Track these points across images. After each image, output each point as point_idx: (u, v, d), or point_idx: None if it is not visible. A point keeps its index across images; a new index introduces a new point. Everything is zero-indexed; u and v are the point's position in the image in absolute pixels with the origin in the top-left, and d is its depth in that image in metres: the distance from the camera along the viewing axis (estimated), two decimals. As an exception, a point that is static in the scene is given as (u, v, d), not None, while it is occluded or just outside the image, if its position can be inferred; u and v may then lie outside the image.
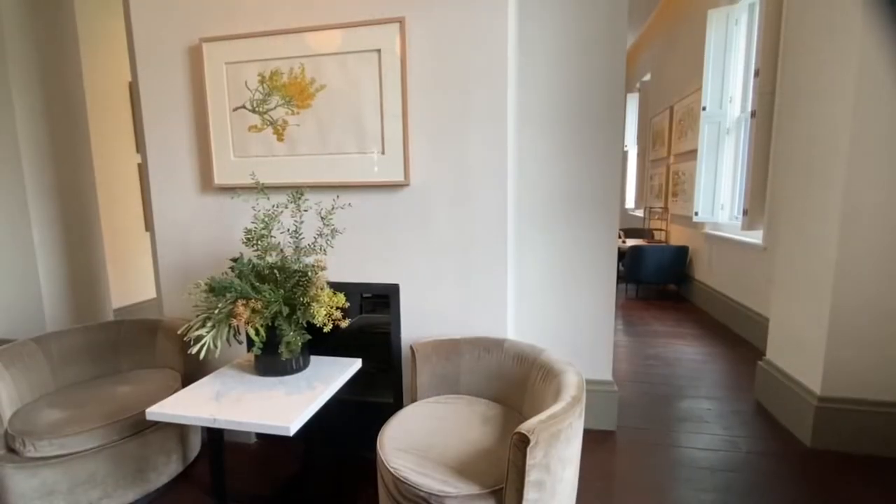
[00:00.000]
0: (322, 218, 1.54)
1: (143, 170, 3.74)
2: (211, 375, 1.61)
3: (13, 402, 1.59)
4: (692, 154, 4.42)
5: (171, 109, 1.94)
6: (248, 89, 1.81)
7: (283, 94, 1.77)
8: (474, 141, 1.68)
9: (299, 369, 1.62)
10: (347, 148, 1.75)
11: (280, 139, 1.81)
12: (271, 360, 1.56)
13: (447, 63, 1.66)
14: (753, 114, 3.15)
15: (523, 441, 1.02)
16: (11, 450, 1.47)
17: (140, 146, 3.72)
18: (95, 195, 3.11)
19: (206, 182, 1.94)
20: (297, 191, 1.54)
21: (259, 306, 1.49)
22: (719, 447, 2.01)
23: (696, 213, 4.22)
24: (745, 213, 3.26)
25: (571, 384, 1.27)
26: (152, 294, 3.75)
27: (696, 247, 4.66)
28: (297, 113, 1.78)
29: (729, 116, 3.99)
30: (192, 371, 1.88)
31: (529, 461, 1.03)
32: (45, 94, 2.76)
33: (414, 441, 1.33)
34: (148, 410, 1.35)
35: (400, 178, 1.72)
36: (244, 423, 1.29)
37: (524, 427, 1.04)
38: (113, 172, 3.44)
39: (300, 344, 1.51)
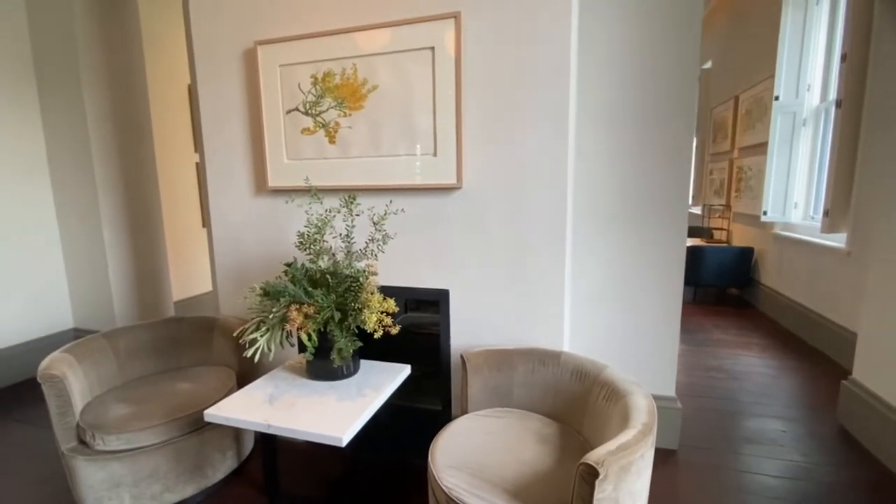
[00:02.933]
0: (374, 223, 1.51)
1: (200, 169, 3.92)
2: (264, 378, 1.62)
3: (84, 395, 1.67)
4: (760, 148, 4.07)
5: (227, 112, 1.98)
6: (301, 91, 1.80)
7: (336, 95, 1.75)
8: (532, 140, 1.58)
9: (349, 374, 1.61)
10: (398, 150, 1.71)
11: (332, 141, 1.80)
12: (323, 364, 1.55)
13: (505, 59, 1.57)
14: (839, 103, 2.84)
15: (591, 473, 0.94)
16: (82, 442, 1.55)
17: (198, 146, 3.89)
18: (158, 194, 3.27)
19: (260, 184, 1.97)
20: (349, 195, 1.51)
21: (312, 311, 1.48)
22: (796, 475, 1.82)
23: (765, 213, 3.89)
24: (825, 213, 2.95)
25: (641, 409, 1.16)
26: (209, 287, 3.92)
27: (762, 248, 4.31)
28: (349, 115, 1.75)
29: (806, 106, 3.64)
30: (246, 369, 1.92)
31: (598, 494, 0.94)
32: (113, 99, 2.92)
33: (467, 458, 1.27)
34: (206, 412, 1.38)
35: (452, 180, 1.66)
36: (298, 430, 1.28)
37: (592, 458, 0.96)
38: (173, 171, 3.61)
39: (351, 351, 1.49)
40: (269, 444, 1.63)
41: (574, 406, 1.46)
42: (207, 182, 2.07)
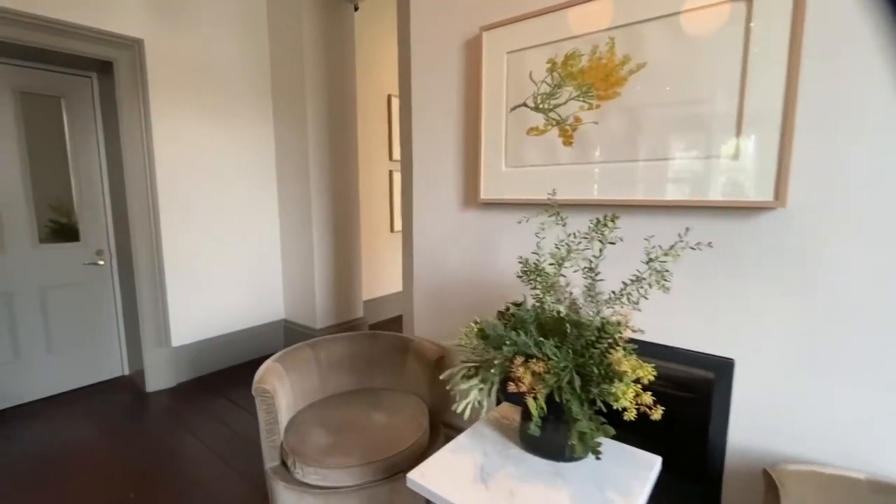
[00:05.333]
0: (651, 260, 1.04)
1: (391, 177, 4.05)
2: (468, 435, 1.31)
3: (290, 408, 1.62)
4: None
5: (440, 115, 1.77)
6: (533, 82, 1.45)
7: (580, 82, 1.35)
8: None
9: (579, 456, 1.18)
10: (670, 151, 1.21)
11: (567, 142, 1.40)
12: (546, 436, 1.16)
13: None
14: None
15: None
16: (283, 463, 1.47)
17: (392, 154, 4.02)
18: (357, 200, 3.40)
19: (469, 196, 1.70)
20: (607, 214, 1.08)
21: (540, 369, 1.10)
22: None
23: None
24: None
25: None
26: (393, 289, 4.02)
27: None
28: (596, 107, 1.33)
29: None
30: (438, 402, 1.72)
31: None
32: (329, 112, 3.10)
33: None
34: (408, 477, 1.15)
35: (766, 195, 1.08)
36: (528, 550, 0.91)
37: None
38: (370, 178, 3.76)
39: (599, 440, 1.05)
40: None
41: None
42: (413, 191, 1.90)
